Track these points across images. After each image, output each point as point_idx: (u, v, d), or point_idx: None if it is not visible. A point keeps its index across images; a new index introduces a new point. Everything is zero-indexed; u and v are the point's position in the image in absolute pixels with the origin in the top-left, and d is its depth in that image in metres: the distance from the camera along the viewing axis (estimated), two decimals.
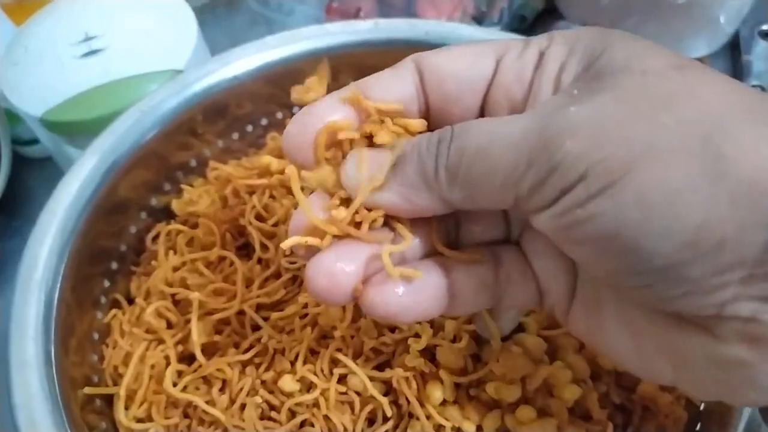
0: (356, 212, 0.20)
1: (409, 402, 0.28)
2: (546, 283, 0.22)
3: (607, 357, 0.22)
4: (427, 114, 0.22)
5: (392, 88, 0.21)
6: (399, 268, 0.20)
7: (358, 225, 0.21)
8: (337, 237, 0.21)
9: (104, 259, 0.35)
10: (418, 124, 0.21)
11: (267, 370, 0.31)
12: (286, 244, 0.21)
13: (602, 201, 0.16)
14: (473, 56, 0.21)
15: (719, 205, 0.15)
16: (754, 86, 0.53)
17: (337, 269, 0.20)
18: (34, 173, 0.52)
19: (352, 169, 0.20)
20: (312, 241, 0.20)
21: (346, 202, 0.21)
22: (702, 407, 0.30)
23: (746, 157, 0.15)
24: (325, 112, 0.21)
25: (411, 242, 0.21)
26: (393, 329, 0.30)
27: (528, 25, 0.59)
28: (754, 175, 0.15)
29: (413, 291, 0.20)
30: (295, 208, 0.24)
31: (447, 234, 0.23)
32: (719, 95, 0.17)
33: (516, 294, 0.22)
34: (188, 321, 0.32)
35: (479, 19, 0.55)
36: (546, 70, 0.20)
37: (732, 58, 0.57)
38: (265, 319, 0.32)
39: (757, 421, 0.26)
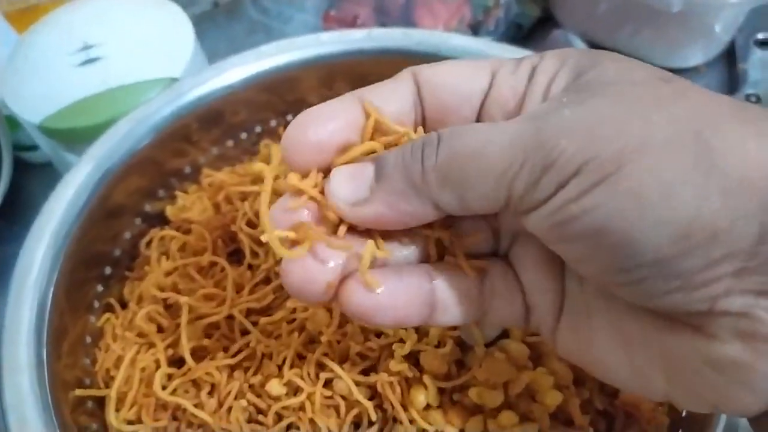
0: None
1: (393, 406, 0.29)
2: (533, 298, 0.22)
3: (596, 374, 0.21)
4: (423, 126, 0.22)
5: (390, 98, 0.21)
6: (368, 274, 0.20)
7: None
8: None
9: (98, 263, 0.36)
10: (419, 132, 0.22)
11: (255, 373, 0.31)
12: (266, 236, 0.20)
13: (596, 194, 0.16)
14: (470, 69, 0.22)
15: (711, 197, 0.16)
16: (749, 95, 0.54)
17: (312, 264, 0.20)
18: (35, 178, 0.53)
19: (336, 187, 0.20)
20: (294, 236, 0.20)
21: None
22: (684, 413, 0.30)
23: (734, 152, 0.16)
24: (326, 116, 0.21)
25: (386, 254, 0.21)
26: (379, 334, 0.31)
27: (524, 33, 0.59)
28: (743, 169, 0.16)
29: (391, 291, 0.20)
30: None
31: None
32: (706, 100, 0.17)
33: (501, 308, 0.22)
34: (179, 325, 0.32)
35: (476, 28, 0.56)
36: (537, 81, 0.20)
37: (727, 66, 0.57)
38: (254, 323, 0.32)
39: (734, 426, 0.26)
